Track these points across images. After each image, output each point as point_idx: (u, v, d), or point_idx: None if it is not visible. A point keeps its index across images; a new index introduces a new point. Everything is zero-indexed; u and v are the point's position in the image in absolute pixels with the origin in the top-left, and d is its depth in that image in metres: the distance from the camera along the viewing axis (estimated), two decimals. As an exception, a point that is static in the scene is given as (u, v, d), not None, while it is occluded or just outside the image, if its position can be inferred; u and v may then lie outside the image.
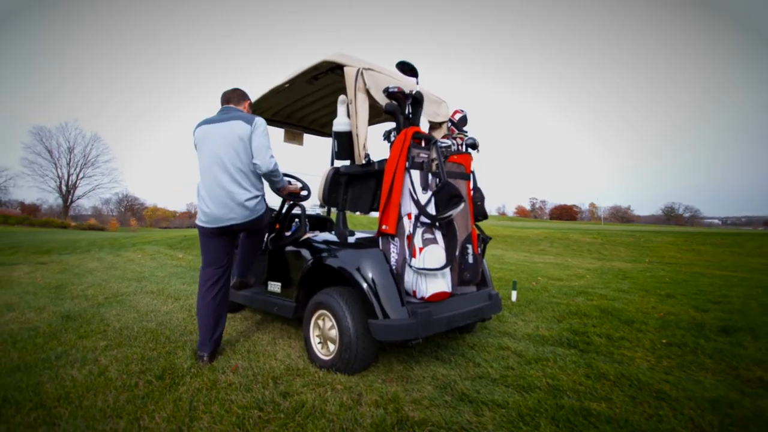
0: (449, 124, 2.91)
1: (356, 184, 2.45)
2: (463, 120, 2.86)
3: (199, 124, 2.28)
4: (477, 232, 2.64)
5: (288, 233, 2.77)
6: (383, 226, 2.15)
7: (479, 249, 2.59)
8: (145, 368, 2.10)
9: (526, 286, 5.04)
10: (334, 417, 1.53)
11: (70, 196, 41.62)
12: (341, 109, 2.42)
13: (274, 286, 2.71)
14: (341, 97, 2.42)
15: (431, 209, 2.11)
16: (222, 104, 2.37)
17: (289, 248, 2.64)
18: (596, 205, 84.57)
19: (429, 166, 2.22)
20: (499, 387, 1.85)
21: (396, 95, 2.21)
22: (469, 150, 2.69)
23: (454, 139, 2.72)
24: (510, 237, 15.98)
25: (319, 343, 2.24)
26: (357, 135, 2.29)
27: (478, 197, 2.67)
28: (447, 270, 2.15)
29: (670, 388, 1.82)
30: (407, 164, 2.15)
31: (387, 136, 2.34)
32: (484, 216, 2.69)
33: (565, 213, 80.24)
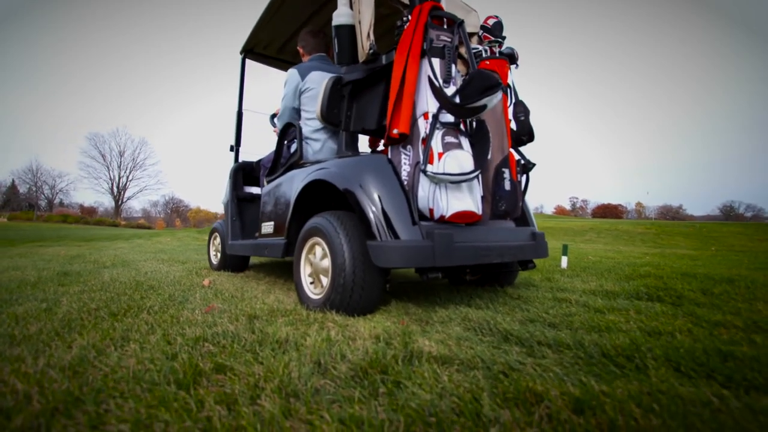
0: (481, 32, 2.34)
1: (362, 94, 1.93)
2: (498, 26, 2.27)
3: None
4: (516, 157, 2.04)
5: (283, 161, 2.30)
6: (393, 131, 1.61)
7: (519, 176, 1.99)
8: (103, 306, 1.70)
9: (575, 262, 4.31)
10: (309, 351, 1.01)
11: (120, 197, 44.49)
12: None
13: (267, 227, 2.26)
14: None
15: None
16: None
17: (282, 178, 2.17)
18: (643, 204, 78.89)
19: (452, 54, 1.65)
20: (562, 331, 1.26)
21: None
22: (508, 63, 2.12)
23: (490, 46, 2.16)
24: (551, 228, 14.85)
25: (311, 283, 1.75)
26: (359, 23, 1.74)
27: (520, 111, 2.07)
28: (475, 184, 1.59)
29: (844, 337, 1.15)
30: (424, 46, 1.60)
31: (399, 28, 1.81)
32: (531, 136, 2.07)
33: (609, 212, 75.39)
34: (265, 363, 0.92)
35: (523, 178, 2.00)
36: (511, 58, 2.12)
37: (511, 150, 1.98)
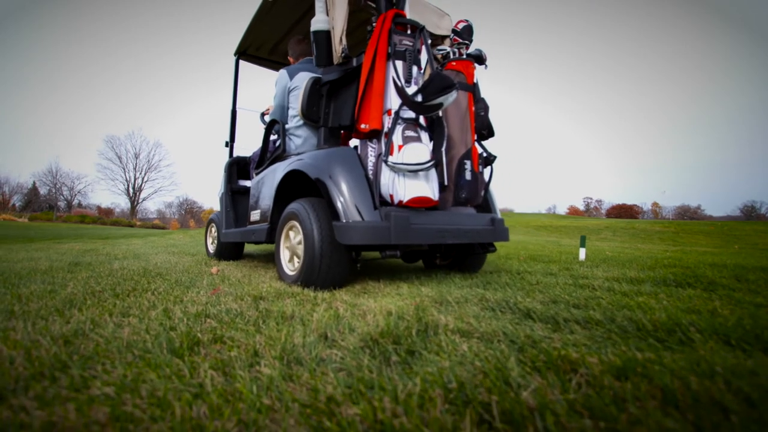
0: (451, 35, 2.37)
1: (339, 93, 2.05)
2: (468, 29, 2.34)
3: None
4: (479, 150, 2.08)
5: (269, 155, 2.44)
6: (362, 125, 1.73)
7: (480, 168, 2.04)
8: (108, 289, 1.66)
9: (593, 255, 4.16)
10: (315, 325, 0.94)
11: (136, 198, 45.37)
12: (319, 5, 1.97)
13: (255, 215, 2.40)
14: None
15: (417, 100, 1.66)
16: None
17: (266, 170, 2.31)
18: (660, 204, 76.95)
19: (414, 57, 1.75)
20: (588, 311, 1.16)
21: None
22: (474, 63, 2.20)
23: (458, 48, 2.19)
24: (565, 227, 14.56)
25: (289, 261, 1.90)
26: (333, 28, 1.86)
27: (481, 107, 2.09)
28: (432, 173, 1.69)
29: None
30: (389, 50, 1.71)
31: (369, 33, 1.85)
32: (490, 131, 2.12)
33: (624, 212, 73.75)
34: (267, 333, 0.86)
35: (487, 169, 2.10)
36: (478, 59, 2.21)
37: (475, 144, 2.07)
